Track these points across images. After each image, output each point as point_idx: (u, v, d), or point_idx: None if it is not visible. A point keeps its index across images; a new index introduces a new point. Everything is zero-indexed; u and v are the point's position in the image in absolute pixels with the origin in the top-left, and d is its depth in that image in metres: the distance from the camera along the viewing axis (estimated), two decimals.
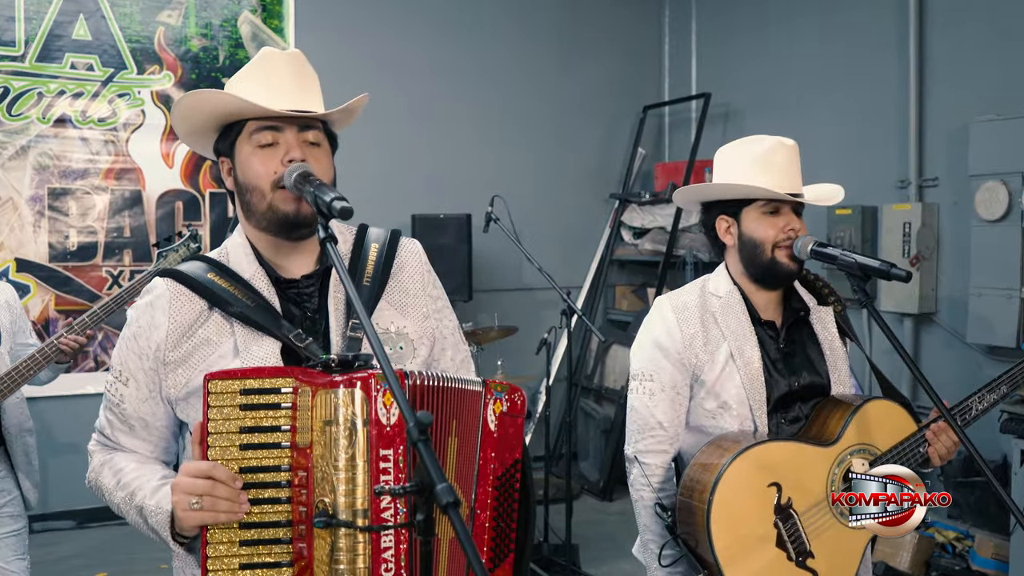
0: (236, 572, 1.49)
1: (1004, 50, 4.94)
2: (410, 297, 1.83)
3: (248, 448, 1.50)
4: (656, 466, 2.21)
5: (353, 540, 1.46)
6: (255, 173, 1.68)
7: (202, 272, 1.71)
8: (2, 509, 3.13)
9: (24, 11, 5.39)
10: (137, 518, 1.62)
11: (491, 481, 1.64)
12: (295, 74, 1.72)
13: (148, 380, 1.68)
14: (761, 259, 2.19)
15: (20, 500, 3.17)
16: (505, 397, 1.69)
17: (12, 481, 3.15)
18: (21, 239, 5.45)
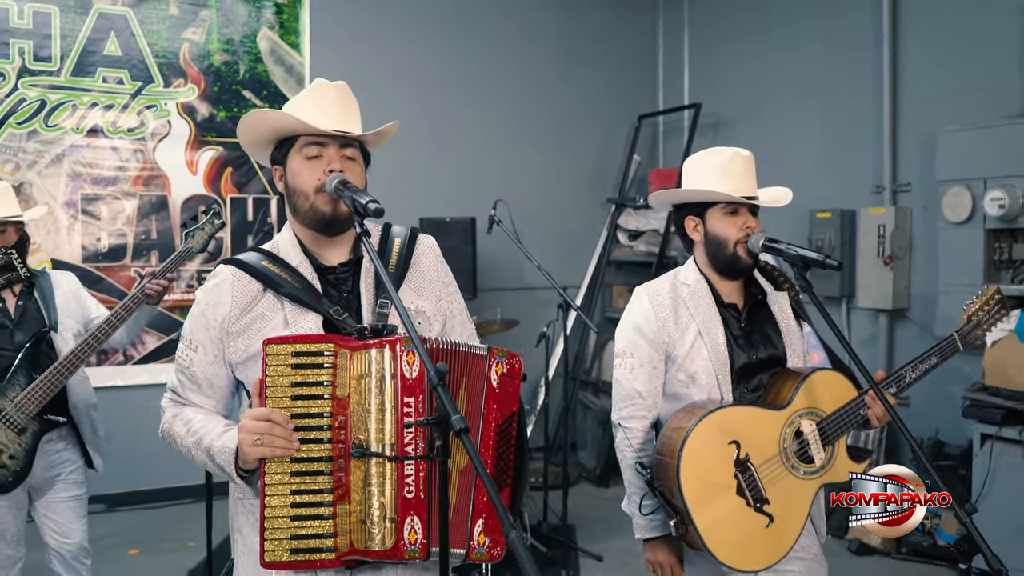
0: (288, 496, 1.86)
1: (971, 63, 5.33)
2: (426, 282, 2.21)
3: (298, 399, 1.87)
4: (637, 430, 2.59)
5: (382, 467, 1.84)
6: (302, 180, 2.06)
7: (257, 260, 2.09)
8: (68, 476, 3.52)
9: (60, 29, 5.80)
10: (204, 457, 1.99)
11: (493, 428, 2.02)
12: (340, 101, 2.11)
13: (214, 347, 2.05)
14: (724, 253, 2.57)
15: (83, 469, 3.57)
16: (505, 361, 2.07)
17: (78, 451, 3.53)
18: (56, 241, 5.85)
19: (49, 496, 3.50)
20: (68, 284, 3.65)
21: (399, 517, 1.83)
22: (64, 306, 3.54)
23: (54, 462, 3.48)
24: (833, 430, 2.50)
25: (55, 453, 3.48)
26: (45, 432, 3.39)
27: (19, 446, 3.32)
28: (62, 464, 3.51)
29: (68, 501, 3.53)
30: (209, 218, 3.57)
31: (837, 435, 2.50)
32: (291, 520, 1.86)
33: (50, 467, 3.48)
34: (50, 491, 3.50)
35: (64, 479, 3.52)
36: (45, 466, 3.46)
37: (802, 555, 2.57)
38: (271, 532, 1.85)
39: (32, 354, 3.39)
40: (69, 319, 3.53)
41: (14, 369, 3.35)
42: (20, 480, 3.33)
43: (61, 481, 3.51)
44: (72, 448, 3.52)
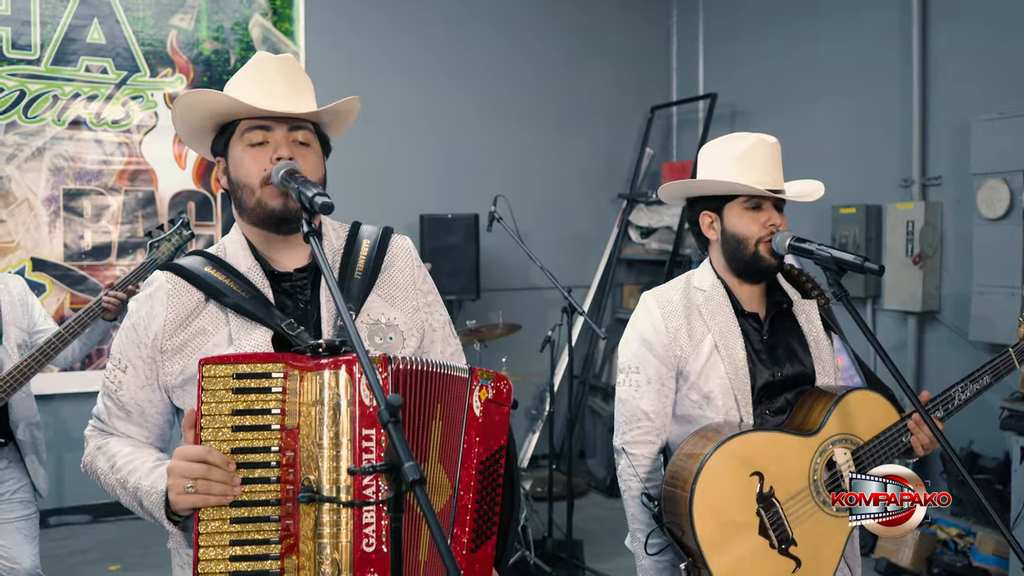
0: (227, 548, 1.55)
1: (1005, 49, 4.97)
2: (400, 290, 1.89)
3: (240, 430, 1.56)
4: (643, 456, 2.26)
5: (336, 515, 1.52)
6: (245, 171, 1.75)
7: (199, 266, 1.78)
8: (13, 495, 3.24)
9: (40, 15, 5.50)
10: (130, 500, 1.69)
11: (475, 464, 1.70)
12: (287, 77, 1.79)
13: (146, 368, 1.75)
14: (744, 254, 2.25)
15: (30, 487, 3.28)
16: (491, 385, 1.75)
17: (21, 469, 3.25)
18: (37, 239, 5.56)
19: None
20: (16, 289, 3.35)
21: (356, 574, 1.52)
22: (9, 314, 3.24)
23: None
24: (871, 460, 2.17)
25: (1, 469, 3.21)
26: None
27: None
28: (4, 483, 3.23)
29: (15, 523, 3.25)
30: (177, 228, 3.29)
31: (875, 465, 2.17)
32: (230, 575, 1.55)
33: None
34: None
35: (8, 500, 3.24)
36: None
37: None
38: None
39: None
40: (14, 328, 3.24)
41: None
42: None
43: (6, 501, 3.24)
44: (15, 466, 3.25)
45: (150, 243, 3.28)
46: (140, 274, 3.22)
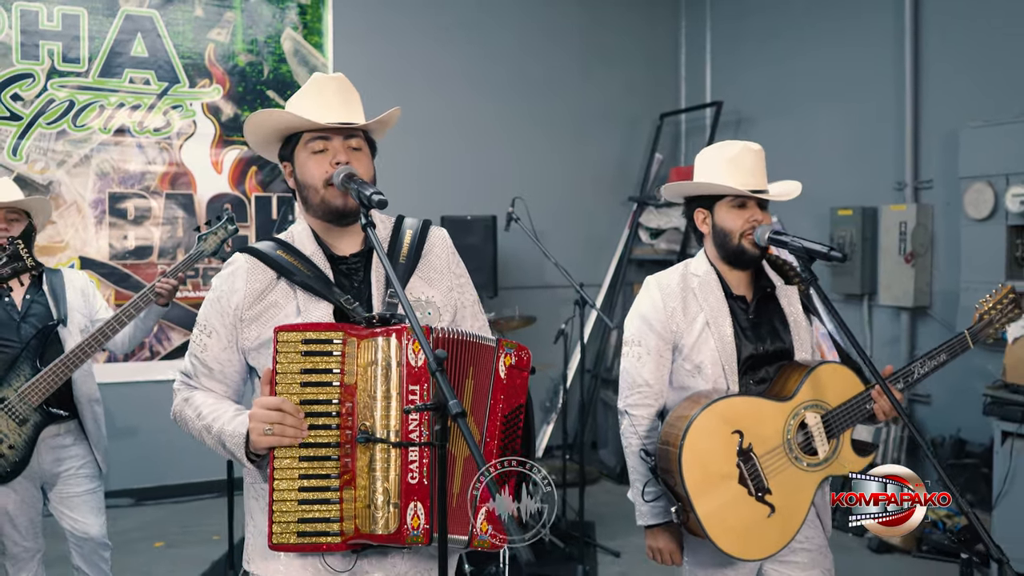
0: (296, 480, 1.90)
1: (992, 61, 5.30)
2: (437, 273, 2.25)
3: (307, 385, 1.92)
4: (642, 418, 2.61)
5: (387, 453, 1.88)
6: (310, 174, 2.11)
7: (272, 249, 2.14)
8: (79, 470, 3.55)
9: (88, 31, 5.91)
10: (214, 442, 2.04)
11: (500, 417, 2.05)
12: (340, 93, 2.16)
13: (227, 333, 2.10)
14: (730, 245, 2.60)
15: (94, 463, 3.59)
16: (514, 353, 2.10)
17: (85, 446, 3.55)
18: (84, 239, 5.96)
19: (62, 491, 3.54)
20: (79, 281, 3.69)
21: (402, 502, 1.87)
22: (74, 302, 3.59)
23: (62, 457, 3.51)
24: (838, 423, 2.51)
25: (63, 448, 3.51)
26: (46, 424, 3.40)
27: (19, 436, 3.34)
28: (71, 459, 3.53)
29: (82, 496, 3.56)
30: (223, 223, 3.64)
31: (842, 428, 2.51)
32: (299, 504, 1.90)
33: (59, 462, 3.51)
34: (63, 486, 3.53)
35: (75, 474, 3.54)
36: (54, 460, 3.50)
37: (807, 546, 2.59)
38: (279, 515, 1.90)
39: (38, 346, 3.42)
40: (77, 314, 3.57)
41: (20, 360, 3.38)
42: (19, 471, 3.35)
43: (73, 476, 3.54)
44: (80, 443, 3.55)
45: (199, 236, 3.62)
46: (189, 263, 3.57)
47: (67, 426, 3.51)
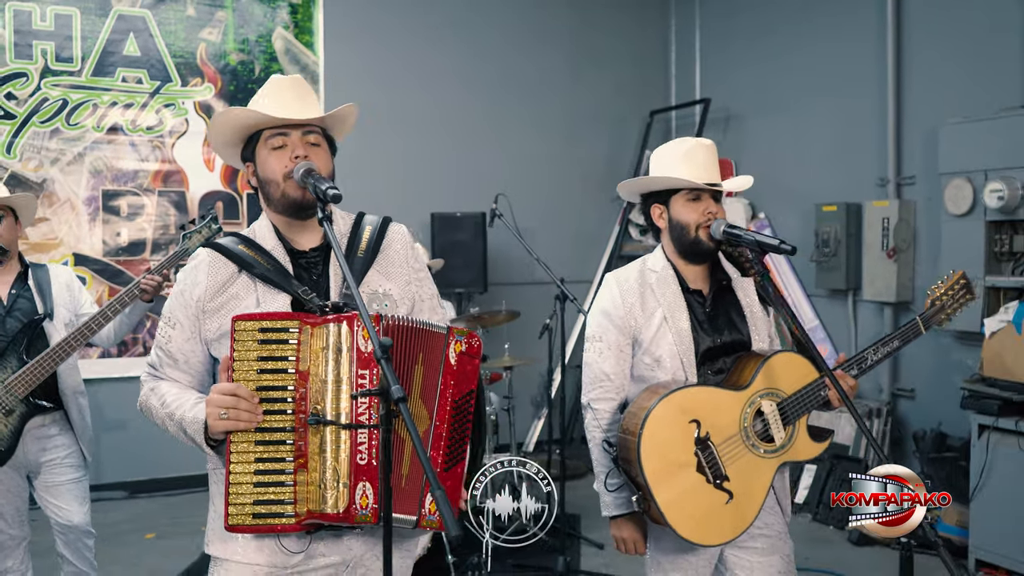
0: (252, 464, 1.97)
1: (970, 59, 5.35)
2: (394, 267, 2.30)
3: (263, 372, 1.98)
4: (604, 411, 2.67)
5: (337, 435, 1.95)
6: (271, 169, 2.17)
7: (234, 244, 2.21)
8: (64, 460, 3.64)
9: (80, 31, 5.99)
10: (177, 430, 2.11)
11: (450, 402, 2.11)
12: (297, 92, 2.22)
13: (191, 324, 2.17)
14: (687, 238, 2.65)
15: (79, 453, 3.68)
16: (464, 340, 2.16)
17: (71, 436, 3.64)
18: (78, 235, 6.04)
19: (47, 480, 3.62)
20: (64, 276, 3.78)
21: (351, 482, 1.94)
22: (59, 296, 3.67)
23: (47, 447, 3.60)
24: (793, 410, 2.56)
25: (49, 438, 3.60)
26: (32, 415, 3.50)
27: (5, 427, 3.43)
28: (56, 449, 3.62)
29: (67, 484, 3.64)
30: (207, 222, 3.71)
31: (797, 415, 2.57)
32: (254, 487, 1.96)
33: (44, 451, 3.60)
34: (48, 475, 3.62)
35: (60, 463, 3.63)
36: (39, 450, 3.59)
37: (766, 532, 2.64)
38: (235, 497, 1.96)
39: (24, 339, 3.51)
40: (62, 309, 3.66)
41: (6, 353, 3.46)
42: (3, 460, 3.44)
43: (58, 465, 3.62)
44: (66, 433, 3.63)
45: (183, 234, 3.70)
46: (173, 261, 3.65)
47: (52, 417, 3.60)
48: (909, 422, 5.78)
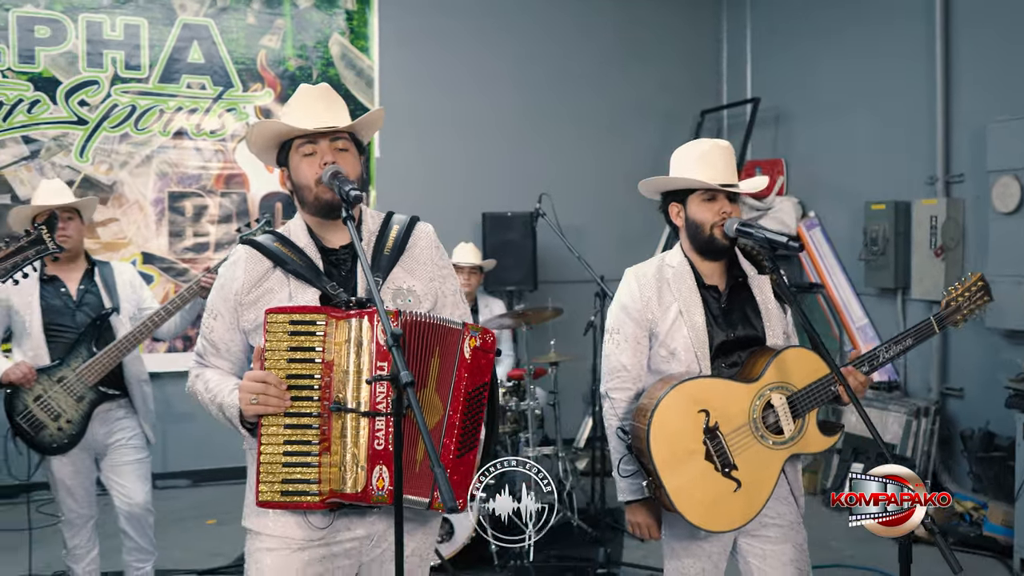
0: (281, 446, 2.14)
1: (1020, 55, 5.30)
2: (419, 264, 2.45)
3: (292, 362, 2.15)
4: (621, 400, 2.79)
5: (356, 422, 2.11)
6: (303, 175, 2.34)
7: (269, 241, 2.38)
8: (129, 441, 3.92)
9: (148, 40, 6.30)
10: (218, 412, 2.30)
11: (463, 393, 2.25)
12: (326, 101, 2.38)
13: (230, 316, 2.35)
14: (702, 236, 2.75)
15: (142, 436, 3.96)
16: (479, 336, 2.30)
17: (135, 420, 3.93)
18: (146, 236, 6.35)
19: (113, 460, 3.90)
20: (127, 273, 4.08)
21: (368, 466, 2.09)
22: (123, 292, 3.95)
23: (114, 429, 3.88)
24: (803, 404, 2.64)
25: (115, 421, 3.88)
26: (101, 402, 3.79)
27: (76, 412, 3.74)
28: (122, 431, 3.89)
29: (130, 464, 3.92)
30: (262, 224, 3.95)
31: (807, 408, 2.65)
32: (283, 467, 2.14)
33: (110, 434, 3.87)
34: (113, 456, 3.89)
35: (124, 445, 3.90)
36: (106, 433, 3.86)
37: (778, 522, 2.73)
38: (265, 476, 2.14)
39: (94, 332, 3.80)
40: (127, 304, 3.95)
41: (76, 344, 3.76)
42: (74, 443, 3.74)
43: (123, 447, 3.90)
44: (131, 417, 3.92)
45: (240, 236, 3.94)
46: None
47: (119, 402, 3.88)
48: (958, 421, 5.74)
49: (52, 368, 3.74)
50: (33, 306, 3.78)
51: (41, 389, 3.71)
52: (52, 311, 3.80)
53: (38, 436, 3.71)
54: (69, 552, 3.89)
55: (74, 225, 3.88)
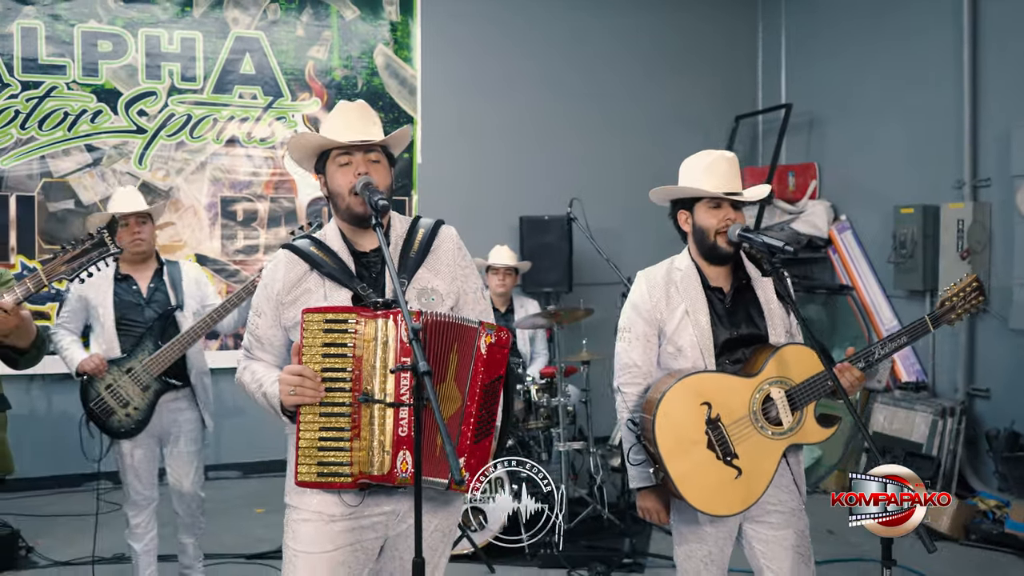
0: (317, 432, 2.39)
1: None
2: (443, 265, 2.68)
3: (327, 356, 2.39)
4: (632, 394, 2.99)
5: (383, 412, 2.35)
6: (337, 184, 2.59)
7: (307, 246, 2.64)
8: (188, 432, 4.24)
9: (203, 52, 6.65)
10: (263, 401, 2.56)
11: (480, 385, 2.47)
12: (361, 116, 2.62)
13: (273, 313, 2.60)
14: (707, 242, 2.95)
15: (201, 427, 4.29)
16: (494, 333, 2.52)
17: (196, 411, 4.25)
18: (200, 238, 6.69)
19: (173, 448, 4.23)
20: (193, 272, 4.40)
21: (393, 450, 2.34)
22: (188, 290, 4.28)
23: (177, 419, 4.20)
24: (801, 397, 2.82)
25: (179, 411, 4.20)
26: (165, 391, 4.10)
27: (142, 400, 4.06)
28: (184, 422, 4.21)
29: (187, 454, 4.24)
30: (313, 228, 4.23)
31: (805, 402, 2.82)
32: (318, 451, 2.39)
33: (174, 423, 4.19)
34: (174, 444, 4.22)
35: (185, 434, 4.23)
36: (170, 422, 4.18)
37: (780, 509, 2.91)
38: (303, 459, 2.40)
39: (160, 327, 4.13)
40: (191, 300, 4.27)
41: (144, 338, 4.10)
42: (140, 428, 4.06)
43: (183, 436, 4.22)
44: (192, 409, 4.23)
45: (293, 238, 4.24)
46: None
47: (183, 392, 4.20)
48: (984, 421, 5.84)
49: (121, 359, 4.08)
50: (107, 303, 4.13)
51: (112, 379, 4.05)
52: (124, 307, 4.15)
53: (108, 421, 4.06)
54: (131, 531, 4.21)
55: (147, 229, 4.23)
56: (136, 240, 4.16)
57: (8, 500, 5.80)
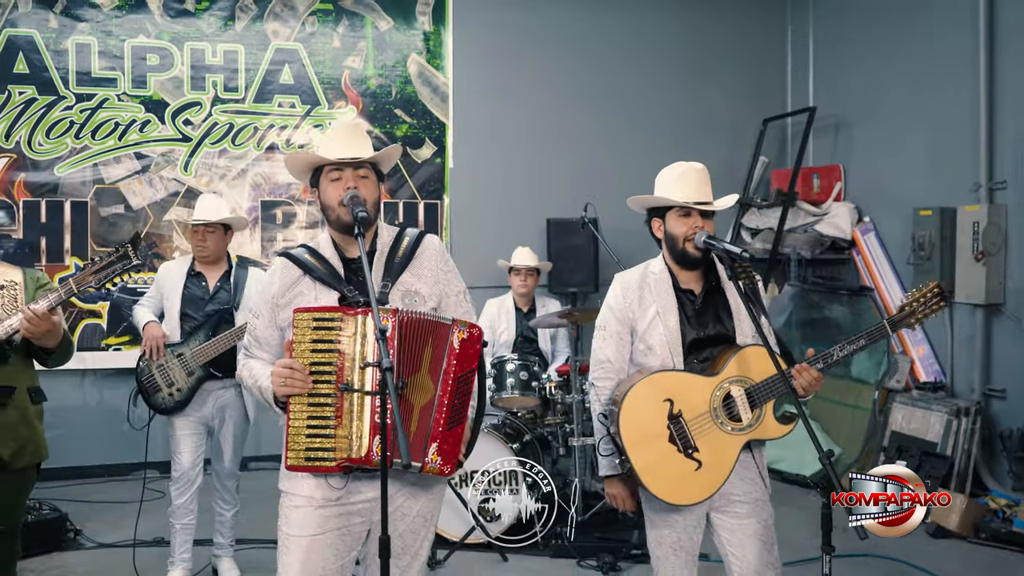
0: (306, 420, 2.65)
1: None
2: (425, 270, 2.93)
3: (315, 351, 2.65)
4: (604, 389, 3.20)
5: (361, 400, 2.61)
6: (329, 197, 2.85)
7: (301, 253, 2.90)
8: (232, 419, 4.65)
9: (245, 64, 7.01)
10: (259, 394, 2.83)
11: (452, 377, 2.71)
12: (352, 134, 2.88)
13: (269, 315, 2.87)
14: (677, 248, 3.14)
15: (245, 416, 4.70)
16: (466, 330, 2.76)
17: (241, 402, 4.65)
18: (241, 241, 7.02)
19: (218, 432, 4.66)
20: (258, 276, 4.75)
21: (370, 436, 2.59)
22: (249, 292, 4.64)
23: (224, 404, 4.63)
24: (760, 395, 3.00)
25: (227, 403, 4.63)
26: (207, 379, 4.53)
27: (185, 384, 4.51)
28: (230, 407, 4.64)
29: (231, 438, 4.68)
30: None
31: (764, 400, 3.00)
32: (306, 437, 2.65)
33: (221, 409, 4.63)
34: (220, 428, 4.65)
35: (231, 422, 4.65)
36: (218, 408, 4.62)
37: (744, 499, 3.08)
38: (292, 445, 2.66)
39: (216, 322, 4.56)
40: (249, 302, 4.56)
41: (199, 329, 4.54)
42: (180, 408, 4.51)
43: (229, 420, 4.65)
44: (239, 397, 4.64)
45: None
46: None
47: (230, 382, 4.56)
48: (999, 421, 5.89)
49: (176, 345, 4.55)
50: (176, 294, 4.63)
51: (164, 360, 4.51)
52: (189, 300, 4.63)
53: (152, 397, 4.54)
54: (174, 510, 4.60)
55: (213, 238, 4.70)
56: (199, 247, 4.67)
57: (60, 487, 6.23)
